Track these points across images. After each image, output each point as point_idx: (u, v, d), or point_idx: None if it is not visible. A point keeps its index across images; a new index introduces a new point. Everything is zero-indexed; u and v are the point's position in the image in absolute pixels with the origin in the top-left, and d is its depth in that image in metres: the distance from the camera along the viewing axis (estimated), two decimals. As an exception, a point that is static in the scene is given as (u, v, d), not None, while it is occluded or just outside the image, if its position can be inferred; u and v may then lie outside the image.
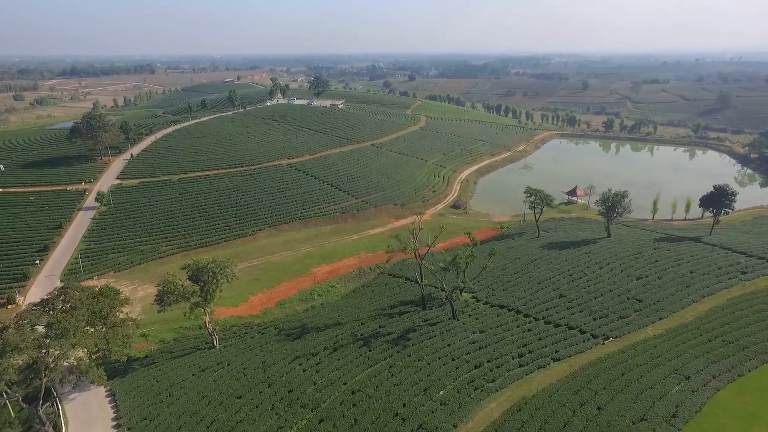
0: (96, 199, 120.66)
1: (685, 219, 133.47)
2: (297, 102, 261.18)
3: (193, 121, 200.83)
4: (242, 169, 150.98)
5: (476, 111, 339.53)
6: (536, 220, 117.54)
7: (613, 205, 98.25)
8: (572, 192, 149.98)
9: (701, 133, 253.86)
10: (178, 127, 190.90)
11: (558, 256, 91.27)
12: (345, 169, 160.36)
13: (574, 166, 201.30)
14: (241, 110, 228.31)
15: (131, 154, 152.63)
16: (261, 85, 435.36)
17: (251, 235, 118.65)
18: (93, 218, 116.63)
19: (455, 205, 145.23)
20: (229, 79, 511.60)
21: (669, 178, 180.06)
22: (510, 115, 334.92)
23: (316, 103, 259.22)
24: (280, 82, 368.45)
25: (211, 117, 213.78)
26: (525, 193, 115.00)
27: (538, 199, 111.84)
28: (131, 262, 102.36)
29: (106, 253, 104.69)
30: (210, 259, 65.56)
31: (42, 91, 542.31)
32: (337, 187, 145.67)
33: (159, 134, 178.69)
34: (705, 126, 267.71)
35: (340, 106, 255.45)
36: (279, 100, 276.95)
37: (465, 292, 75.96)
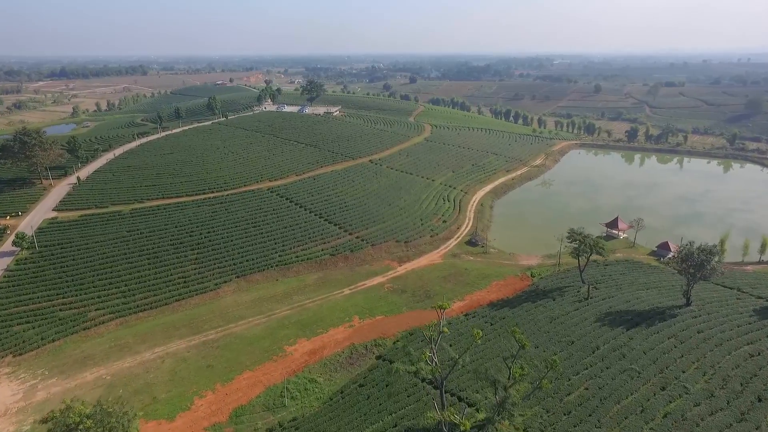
0: (14, 243, 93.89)
1: (759, 262, 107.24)
2: (287, 109, 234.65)
3: (163, 134, 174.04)
4: (212, 195, 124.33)
5: (484, 117, 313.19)
6: (581, 272, 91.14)
7: (699, 264, 71.67)
8: (613, 224, 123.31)
9: (737, 143, 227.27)
10: (144, 140, 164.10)
11: (629, 342, 64.72)
12: (338, 193, 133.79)
13: (601, 184, 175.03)
14: (222, 119, 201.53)
15: (78, 178, 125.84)
16: (254, 88, 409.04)
17: (213, 291, 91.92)
18: (6, 269, 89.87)
19: (471, 241, 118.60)
20: (221, 82, 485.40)
21: (721, 202, 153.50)
22: (520, 121, 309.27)
23: (308, 110, 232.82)
24: (272, 86, 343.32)
25: (187, 128, 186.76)
26: (567, 238, 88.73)
27: (586, 246, 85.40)
28: (41, 338, 75.58)
29: (10, 323, 77.76)
30: (88, 412, 38.64)
31: (26, 94, 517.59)
32: (327, 219, 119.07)
33: (119, 150, 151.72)
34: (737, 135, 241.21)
35: (335, 114, 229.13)
36: (267, 106, 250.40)
37: (512, 424, 49.34)
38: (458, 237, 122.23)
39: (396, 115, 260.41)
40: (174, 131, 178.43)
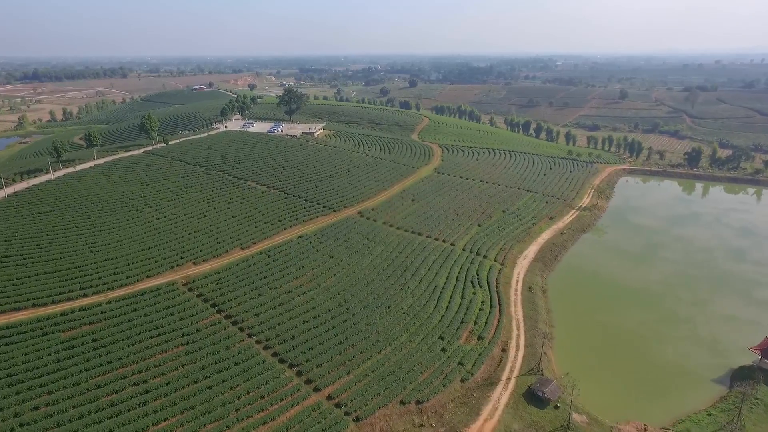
0: None
1: None
2: (255, 128, 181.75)
3: (61, 171, 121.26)
4: (81, 304, 71.47)
5: (501, 131, 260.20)
6: None
7: None
8: (774, 352, 71.50)
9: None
10: (24, 185, 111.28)
11: None
12: (303, 285, 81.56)
13: (700, 242, 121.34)
14: (160, 145, 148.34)
15: None
16: (235, 94, 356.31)
17: None
18: None
19: (535, 393, 66.23)
20: (197, 87, 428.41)
21: None
22: (543, 135, 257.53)
23: (283, 128, 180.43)
24: (247, 93, 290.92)
25: (103, 161, 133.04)
26: None
27: None
28: None
29: None
30: None
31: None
32: (277, 353, 66.82)
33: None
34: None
35: (317, 134, 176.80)
36: (235, 121, 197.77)
37: None
38: (508, 378, 69.99)
39: (395, 131, 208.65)
40: (80, 167, 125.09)
